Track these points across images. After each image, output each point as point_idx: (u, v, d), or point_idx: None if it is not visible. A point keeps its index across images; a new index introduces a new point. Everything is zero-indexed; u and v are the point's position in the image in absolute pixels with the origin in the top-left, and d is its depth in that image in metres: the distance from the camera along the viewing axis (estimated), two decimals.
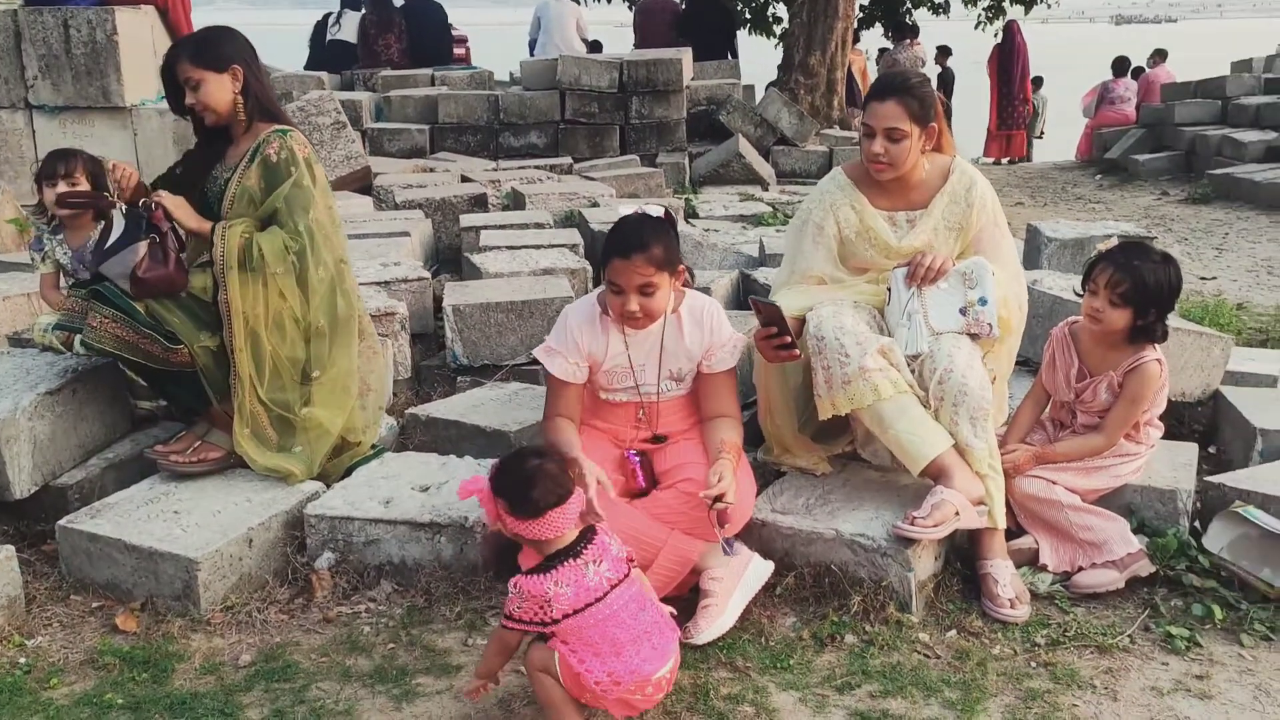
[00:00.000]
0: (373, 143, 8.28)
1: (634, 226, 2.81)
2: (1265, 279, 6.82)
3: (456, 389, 4.09)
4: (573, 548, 2.28)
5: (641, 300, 2.76)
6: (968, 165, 3.13)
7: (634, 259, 2.72)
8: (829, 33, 10.68)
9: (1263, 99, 11.40)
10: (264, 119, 3.16)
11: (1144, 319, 2.88)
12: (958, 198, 3.06)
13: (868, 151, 3.00)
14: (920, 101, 2.95)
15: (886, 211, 3.10)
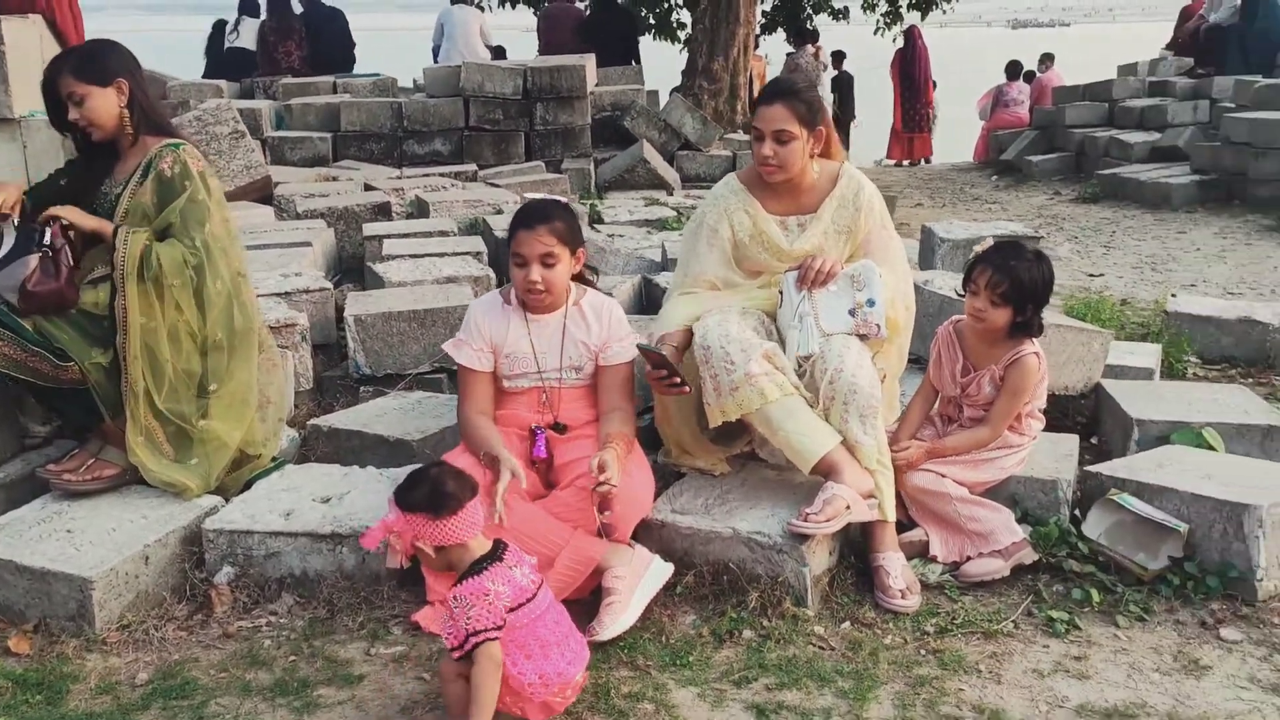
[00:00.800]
0: (274, 152, 8.14)
1: (539, 203, 3.08)
2: (1149, 275, 7.12)
3: (359, 399, 4.07)
4: (493, 554, 2.32)
5: (543, 272, 2.92)
6: (855, 171, 3.23)
7: (537, 229, 2.91)
8: (731, 38, 10.83)
9: (1147, 101, 11.88)
10: (152, 133, 3.12)
11: (1022, 316, 3.01)
12: (846, 202, 3.17)
13: (758, 154, 3.09)
14: (807, 105, 3.06)
15: (779, 216, 3.19)
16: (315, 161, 8.18)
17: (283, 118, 8.78)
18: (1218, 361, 4.76)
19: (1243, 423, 3.46)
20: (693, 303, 3.13)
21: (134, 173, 3.09)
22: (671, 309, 3.13)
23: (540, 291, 2.95)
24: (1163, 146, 10.89)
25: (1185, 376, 4.61)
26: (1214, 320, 4.81)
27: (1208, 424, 3.43)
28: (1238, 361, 4.74)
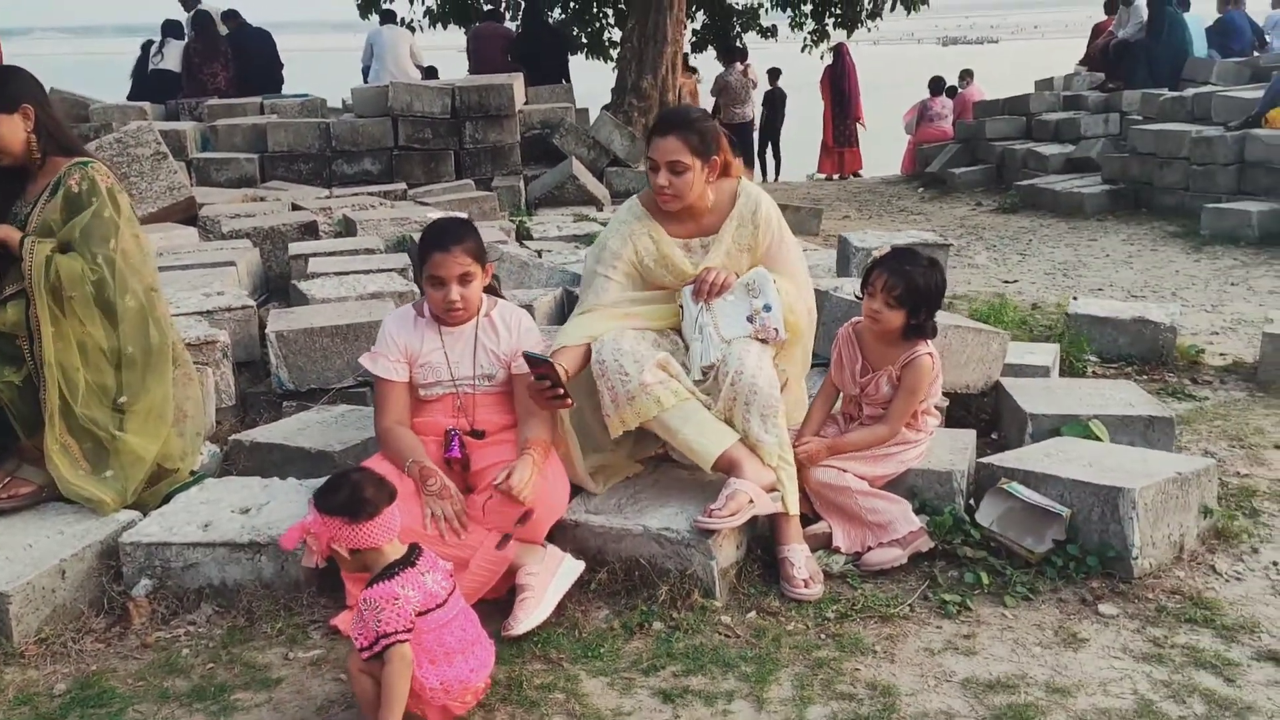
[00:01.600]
0: (199, 173, 8.14)
1: (449, 224, 3.16)
2: (1060, 280, 7.39)
3: (283, 414, 4.12)
4: (406, 558, 2.39)
5: (461, 290, 3.02)
6: (752, 187, 3.35)
7: (454, 251, 3.00)
8: (659, 57, 11.02)
9: (1061, 115, 12.29)
10: (60, 154, 3.17)
11: (916, 318, 3.16)
12: (745, 221, 3.29)
13: (654, 184, 3.20)
14: (700, 136, 3.16)
15: (682, 239, 3.30)
16: (242, 182, 8.19)
17: (208, 139, 8.77)
18: (1115, 360, 4.99)
19: (1126, 414, 3.65)
20: (592, 321, 3.21)
21: (43, 191, 3.14)
22: (571, 326, 3.23)
23: (460, 309, 3.05)
24: (1077, 158, 11.28)
25: (1085, 374, 4.83)
26: (1111, 321, 5.04)
27: (1094, 416, 3.62)
28: (1134, 359, 4.98)
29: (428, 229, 3.18)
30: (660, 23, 11.23)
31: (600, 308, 3.25)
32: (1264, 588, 2.96)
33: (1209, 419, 4.31)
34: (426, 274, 3.05)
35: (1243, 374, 4.89)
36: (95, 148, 6.27)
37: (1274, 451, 3.93)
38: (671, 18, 11.31)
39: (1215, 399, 4.60)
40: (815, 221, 9.67)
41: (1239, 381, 4.81)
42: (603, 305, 3.26)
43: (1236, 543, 3.19)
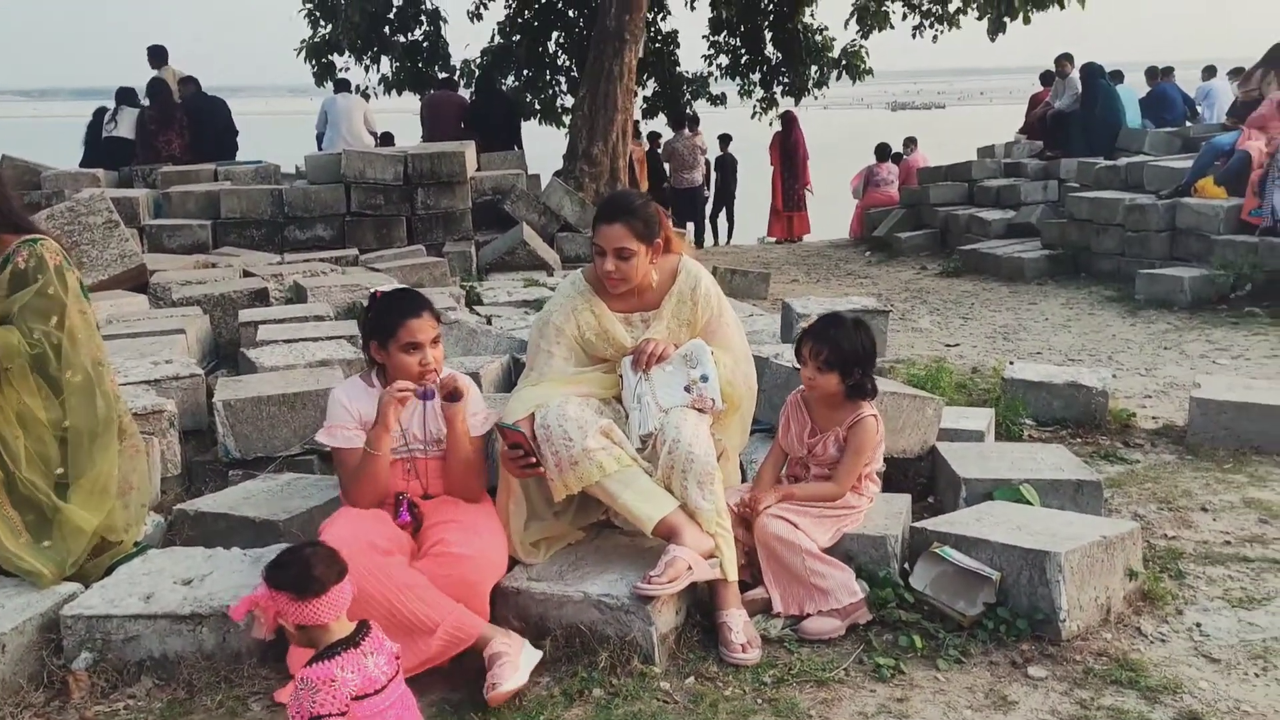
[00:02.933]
0: (151, 240, 8.16)
1: (407, 292, 3.31)
2: (1000, 344, 7.58)
3: (229, 483, 4.12)
4: (351, 638, 2.41)
5: (434, 353, 3.17)
6: (692, 264, 3.46)
7: (424, 315, 3.16)
8: (609, 125, 11.23)
9: (1002, 181, 12.66)
10: (10, 231, 3.22)
11: (851, 379, 3.28)
12: (685, 297, 3.40)
13: (601, 269, 3.32)
14: (644, 222, 3.29)
15: (623, 314, 3.41)
16: (194, 249, 8.21)
17: (161, 206, 8.79)
18: (1050, 423, 5.13)
19: (1056, 478, 3.77)
20: (537, 393, 3.30)
21: None
22: (516, 400, 3.31)
23: (433, 372, 3.16)
24: (1018, 223, 11.61)
25: (1021, 438, 4.96)
26: (1045, 385, 5.19)
27: (1026, 481, 3.73)
28: (1068, 423, 5.12)
29: (388, 298, 3.25)
30: (611, 91, 11.48)
31: (544, 380, 3.34)
32: (1187, 649, 3.06)
33: (1139, 481, 4.44)
34: (400, 342, 3.13)
35: (1173, 437, 5.05)
36: (47, 215, 6.30)
37: (1201, 514, 4.05)
38: (622, 86, 11.56)
39: (1146, 461, 4.75)
40: (763, 285, 9.86)
41: (1169, 444, 4.96)
42: (546, 379, 3.34)
43: (1161, 605, 3.29)
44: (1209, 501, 4.16)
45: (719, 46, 15.94)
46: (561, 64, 15.88)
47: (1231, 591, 3.40)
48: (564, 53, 15.77)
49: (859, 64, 15.30)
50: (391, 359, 3.16)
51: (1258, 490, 4.28)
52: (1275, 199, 8.27)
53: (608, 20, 11.33)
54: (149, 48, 11.62)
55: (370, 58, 14.50)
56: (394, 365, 3.17)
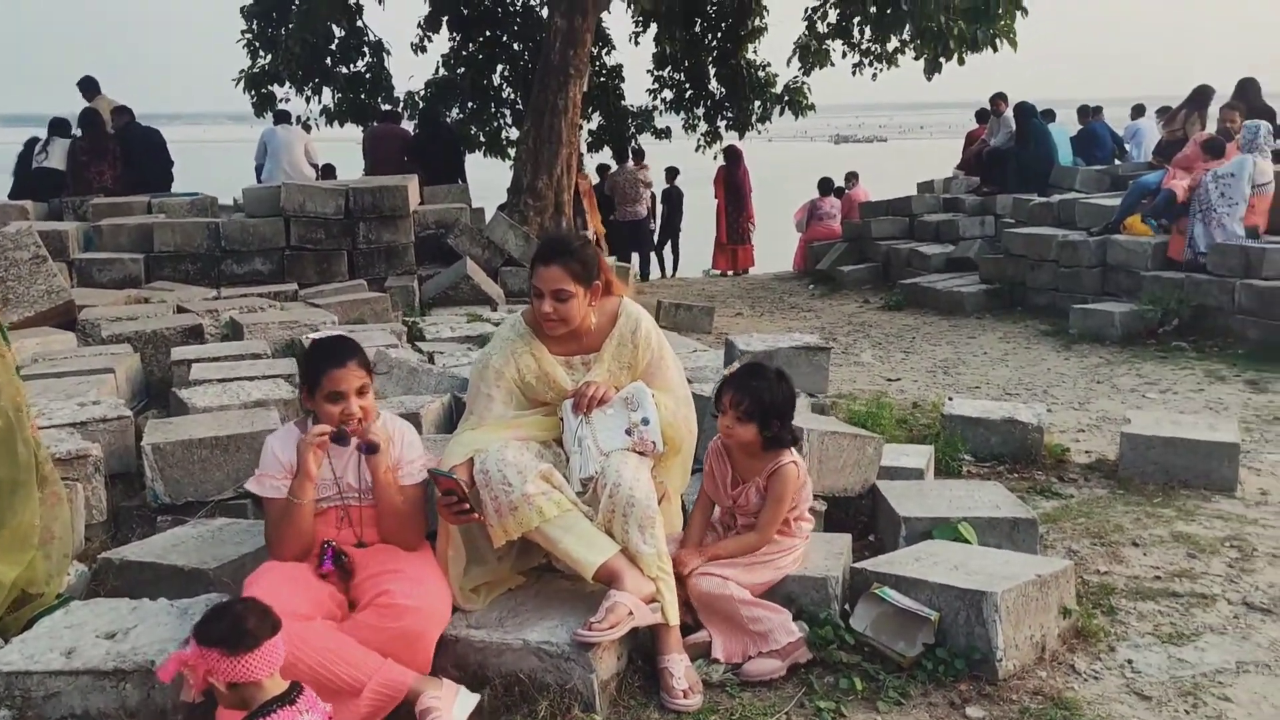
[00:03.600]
0: (81, 274, 7.97)
1: (338, 340, 3.22)
2: (940, 378, 7.67)
3: (156, 529, 4.01)
4: (286, 696, 2.35)
5: (360, 403, 3.10)
6: (632, 307, 3.45)
7: (349, 365, 3.09)
8: (554, 158, 11.25)
9: (941, 216, 12.88)
10: None
11: (769, 430, 3.28)
12: (625, 340, 3.39)
13: (539, 311, 3.29)
14: (582, 263, 3.27)
15: (564, 357, 3.38)
16: (126, 283, 8.03)
17: (92, 239, 8.60)
18: (988, 459, 5.20)
19: (993, 516, 3.81)
20: (476, 437, 3.26)
21: None
22: (455, 445, 3.27)
23: (358, 421, 3.10)
24: (956, 257, 11.80)
25: (960, 474, 5.02)
26: (983, 421, 5.26)
27: (963, 519, 3.77)
28: (1005, 458, 5.19)
29: (315, 346, 3.22)
30: (556, 125, 11.51)
31: (484, 425, 3.30)
32: (1119, 686, 3.09)
33: (1073, 516, 4.50)
34: (324, 391, 3.09)
35: (1105, 471, 5.13)
36: None
37: (1132, 549, 4.12)
38: (567, 120, 11.60)
39: (1080, 496, 4.82)
40: (708, 319, 9.90)
41: (1101, 479, 5.04)
42: (485, 422, 3.30)
43: (1095, 642, 3.32)
44: (1139, 536, 4.23)
45: (663, 81, 16.07)
46: (506, 97, 15.89)
47: (1162, 627, 3.45)
48: (509, 85, 15.79)
49: (801, 100, 15.50)
50: (317, 407, 3.12)
51: (1185, 524, 4.36)
52: (1196, 232, 8.50)
53: (552, 55, 11.37)
54: (80, 80, 11.44)
55: (311, 88, 14.38)
56: (320, 414, 3.12)
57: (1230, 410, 6.24)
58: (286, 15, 13.51)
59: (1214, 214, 8.36)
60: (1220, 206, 8.33)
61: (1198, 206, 8.50)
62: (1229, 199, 8.31)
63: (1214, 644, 3.33)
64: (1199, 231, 8.46)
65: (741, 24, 15.37)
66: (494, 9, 15.33)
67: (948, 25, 9.38)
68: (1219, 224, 8.33)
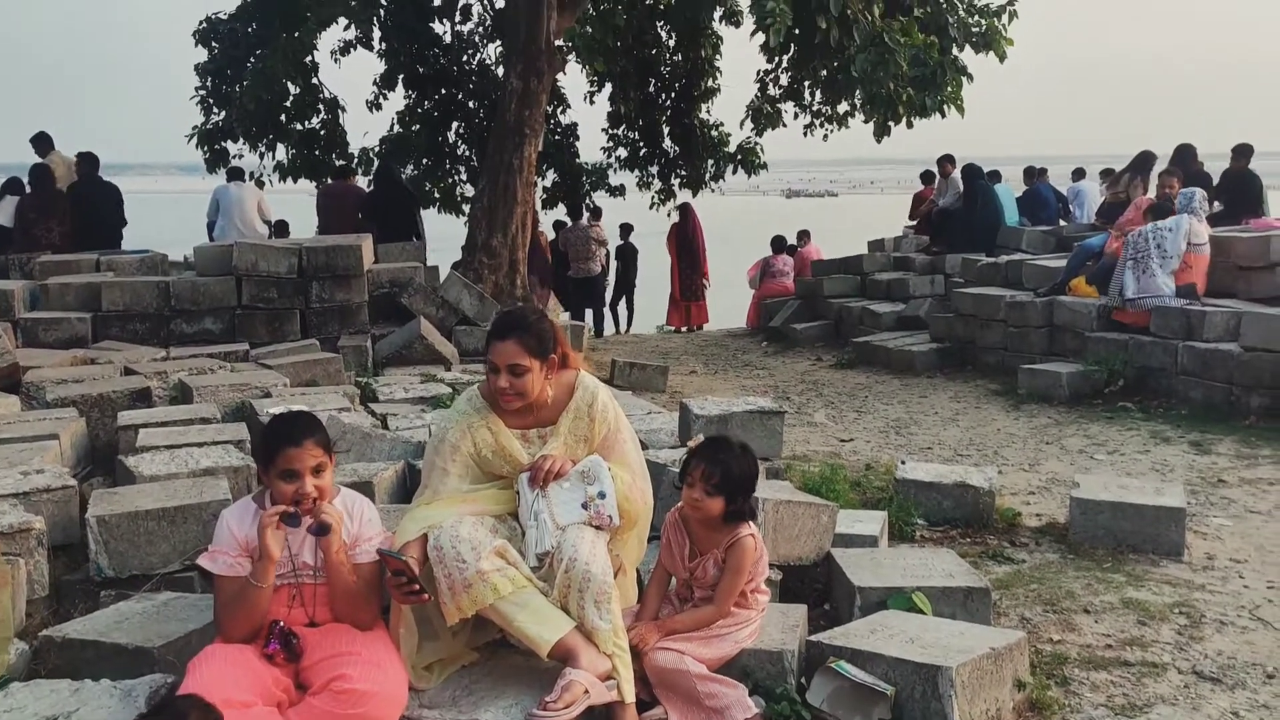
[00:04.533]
0: (26, 334, 7.82)
1: (298, 418, 3.17)
2: (893, 439, 7.74)
3: (100, 604, 3.91)
4: None
5: (315, 482, 3.05)
6: (589, 380, 3.46)
7: (305, 444, 3.04)
8: (509, 216, 11.29)
9: (892, 275, 13.08)
10: None
11: (734, 504, 3.29)
12: (581, 413, 3.39)
13: (495, 385, 3.28)
14: (538, 338, 3.28)
15: (520, 430, 3.38)
16: (72, 343, 7.88)
17: (38, 297, 8.46)
18: (941, 523, 5.24)
19: (947, 585, 3.83)
20: (431, 513, 3.24)
21: None
22: (410, 520, 3.24)
23: (313, 501, 3.05)
24: (907, 316, 11.98)
25: (913, 539, 5.05)
26: (936, 486, 5.31)
27: (918, 588, 3.79)
28: (958, 522, 5.23)
29: (274, 423, 3.19)
30: (511, 184, 11.56)
31: (439, 499, 3.28)
32: None
33: (1026, 582, 4.54)
34: (278, 469, 3.05)
35: (1056, 535, 5.19)
36: None
37: (1084, 616, 4.16)
38: (522, 179, 11.66)
39: (1032, 561, 4.87)
40: (662, 378, 9.92)
41: (1052, 543, 5.10)
42: (441, 497, 3.28)
43: (1049, 714, 3.34)
44: (1091, 603, 4.28)
45: (618, 139, 16.25)
46: (461, 153, 15.96)
47: (1114, 698, 3.48)
48: (464, 142, 15.87)
49: (754, 159, 15.74)
50: (271, 484, 3.08)
51: (1135, 590, 4.41)
52: (1126, 279, 8.70)
53: (508, 115, 11.45)
54: (33, 136, 11.33)
55: (265, 145, 14.34)
56: (274, 491, 3.08)
57: (1176, 472, 6.35)
58: (241, 73, 13.50)
59: (1148, 263, 8.57)
60: (1155, 257, 8.53)
61: (1130, 253, 8.69)
62: (1164, 251, 8.53)
63: (1166, 715, 3.37)
64: (1128, 278, 8.67)
65: (695, 85, 15.63)
66: (450, 68, 15.46)
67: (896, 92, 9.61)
68: (1149, 273, 8.53)
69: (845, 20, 9.33)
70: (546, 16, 11.53)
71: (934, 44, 9.70)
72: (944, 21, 10.45)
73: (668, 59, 15.58)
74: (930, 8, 10.68)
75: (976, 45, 10.66)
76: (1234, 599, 4.37)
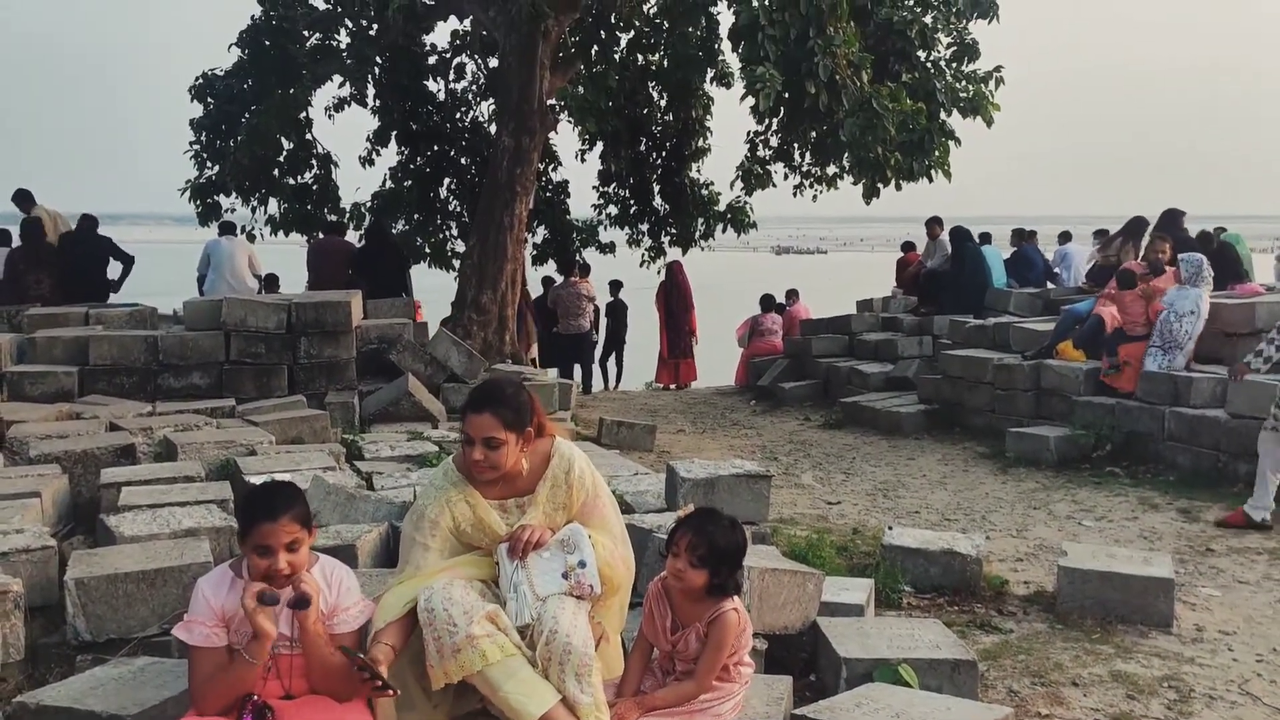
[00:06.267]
0: (12, 387, 7.77)
1: (277, 489, 3.11)
2: (881, 502, 7.72)
3: (76, 668, 3.85)
4: None
5: (289, 558, 2.98)
6: (565, 447, 3.44)
7: (281, 520, 2.97)
8: (499, 273, 11.37)
9: (880, 335, 13.13)
10: None
11: (718, 577, 3.25)
12: (559, 481, 3.37)
13: (470, 458, 3.27)
14: (514, 411, 3.27)
15: (498, 501, 3.35)
16: (58, 397, 7.83)
17: (25, 350, 8.43)
18: (928, 590, 5.21)
19: (934, 657, 3.80)
20: (411, 590, 3.18)
21: None
22: (392, 598, 3.19)
23: (285, 576, 3.00)
24: (895, 376, 12.00)
25: (900, 606, 5.02)
26: (923, 553, 5.29)
27: (904, 660, 3.75)
28: (945, 590, 5.20)
29: (252, 494, 3.14)
30: (501, 241, 11.66)
31: (419, 574, 3.24)
32: None
33: (1013, 653, 4.51)
34: (253, 542, 3.00)
35: (1044, 604, 5.16)
36: None
37: (1072, 689, 4.12)
38: (513, 236, 11.77)
39: (1019, 631, 4.83)
40: (649, 438, 9.90)
41: (1041, 612, 5.07)
42: (422, 572, 3.24)
43: None
44: (1079, 675, 4.24)
45: (609, 197, 16.36)
46: (452, 209, 16.06)
47: None
48: (455, 198, 15.98)
49: (744, 218, 15.83)
50: (247, 555, 3.04)
51: (1124, 662, 4.38)
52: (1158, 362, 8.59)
53: (499, 173, 11.58)
54: (15, 193, 11.36)
55: (258, 199, 14.41)
56: (249, 563, 3.03)
57: (1164, 540, 6.35)
58: (235, 128, 13.60)
59: (1175, 352, 8.45)
60: (1185, 343, 8.45)
61: (1160, 340, 8.58)
62: (1190, 336, 8.45)
63: None
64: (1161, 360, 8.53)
65: (686, 144, 15.78)
66: (443, 125, 15.60)
67: (884, 156, 9.72)
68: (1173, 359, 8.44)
69: (834, 85, 9.45)
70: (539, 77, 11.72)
71: (922, 110, 9.83)
72: (931, 88, 10.59)
73: (659, 118, 15.74)
74: (918, 74, 10.84)
75: (964, 110, 10.80)
76: (1223, 672, 4.34)
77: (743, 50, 9.46)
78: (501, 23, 11.81)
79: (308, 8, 13.82)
